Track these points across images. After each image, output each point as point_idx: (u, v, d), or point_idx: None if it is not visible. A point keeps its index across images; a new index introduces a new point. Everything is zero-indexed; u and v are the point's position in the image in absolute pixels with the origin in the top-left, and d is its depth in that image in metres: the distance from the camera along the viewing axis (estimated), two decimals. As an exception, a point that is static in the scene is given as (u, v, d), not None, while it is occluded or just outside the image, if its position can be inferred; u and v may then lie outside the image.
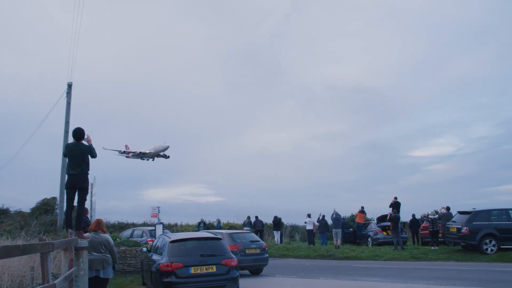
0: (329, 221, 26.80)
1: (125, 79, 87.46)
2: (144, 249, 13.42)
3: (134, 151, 54.98)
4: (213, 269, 10.46)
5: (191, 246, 10.97)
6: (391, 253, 21.14)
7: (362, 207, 27.81)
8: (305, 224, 28.26)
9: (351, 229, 28.34)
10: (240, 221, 34.03)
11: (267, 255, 16.82)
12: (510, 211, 18.85)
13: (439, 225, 21.93)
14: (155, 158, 55.61)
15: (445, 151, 75.65)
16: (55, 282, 5.47)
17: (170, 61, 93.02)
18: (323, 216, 27.06)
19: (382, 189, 72.76)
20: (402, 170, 75.09)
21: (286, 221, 32.61)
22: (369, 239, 26.03)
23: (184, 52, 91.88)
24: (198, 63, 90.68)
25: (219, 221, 32.31)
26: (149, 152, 54.33)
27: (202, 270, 10.36)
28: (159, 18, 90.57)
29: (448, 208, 22.77)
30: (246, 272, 16.51)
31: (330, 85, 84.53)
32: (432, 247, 21.68)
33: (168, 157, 55.70)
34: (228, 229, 31.41)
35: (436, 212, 23.44)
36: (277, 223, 29.38)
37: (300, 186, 78.27)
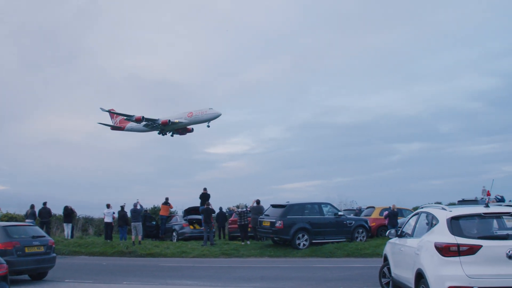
0: (129, 214, 23.78)
1: None
2: None
3: (156, 118, 38.31)
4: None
5: None
6: (199, 249, 19.30)
7: (167, 199, 25.49)
8: (103, 216, 24.64)
9: (154, 222, 25.80)
10: (23, 211, 28.39)
11: (54, 254, 13.49)
12: (322, 205, 18.90)
13: (249, 218, 20.92)
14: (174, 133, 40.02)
15: (239, 149, 79.24)
16: None
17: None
18: (122, 208, 23.90)
19: (177, 183, 72.70)
20: (199, 166, 76.05)
21: (79, 212, 28.32)
22: (174, 234, 23.81)
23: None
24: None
25: (-4, 212, 26.26)
26: (180, 122, 38.09)
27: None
28: None
29: (258, 201, 21.95)
30: (26, 277, 12.92)
31: (133, 75, 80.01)
32: (242, 242, 20.52)
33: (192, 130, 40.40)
34: (8, 221, 25.80)
35: (246, 206, 22.46)
36: (68, 214, 24.95)
37: (94, 177, 72.43)
